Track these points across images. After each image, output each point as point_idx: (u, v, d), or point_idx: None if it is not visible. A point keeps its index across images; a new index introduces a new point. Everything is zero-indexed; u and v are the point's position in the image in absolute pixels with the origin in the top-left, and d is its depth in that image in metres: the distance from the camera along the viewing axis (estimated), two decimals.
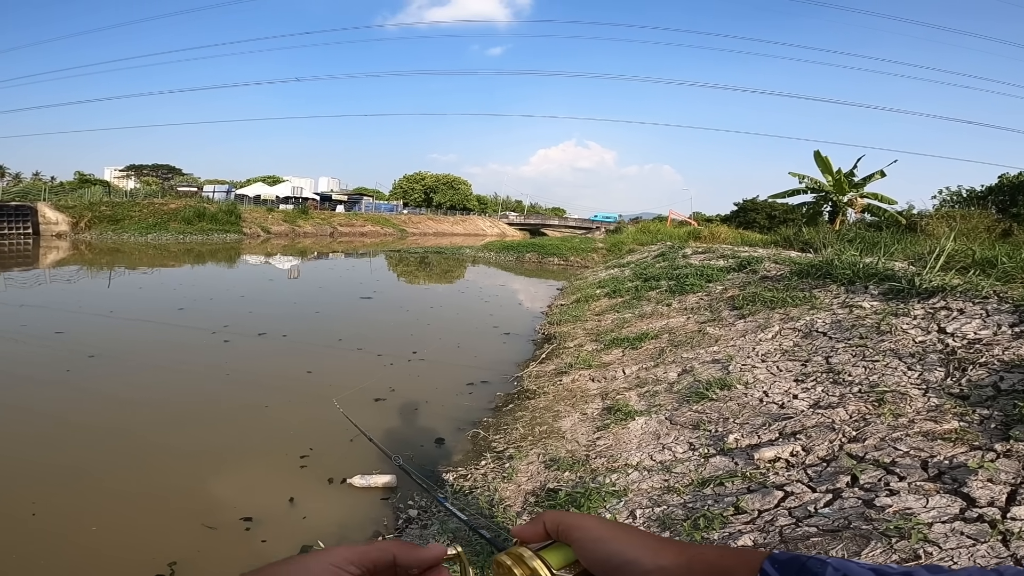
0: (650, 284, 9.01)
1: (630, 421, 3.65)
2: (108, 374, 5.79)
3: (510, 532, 0.56)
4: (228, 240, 27.33)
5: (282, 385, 5.62)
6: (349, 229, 39.27)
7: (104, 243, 22.35)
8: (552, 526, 0.53)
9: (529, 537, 0.54)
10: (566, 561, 0.51)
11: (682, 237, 20.64)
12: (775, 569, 0.42)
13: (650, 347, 5.49)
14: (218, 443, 4.34)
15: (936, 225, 15.41)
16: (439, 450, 4.27)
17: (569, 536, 0.51)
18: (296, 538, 3.06)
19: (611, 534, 0.50)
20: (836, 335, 4.07)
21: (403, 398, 5.36)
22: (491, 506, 3.01)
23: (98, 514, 3.27)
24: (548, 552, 0.52)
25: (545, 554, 0.51)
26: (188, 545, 3.00)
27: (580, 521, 0.52)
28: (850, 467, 2.22)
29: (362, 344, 7.44)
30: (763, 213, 38.55)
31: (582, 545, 0.50)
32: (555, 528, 0.52)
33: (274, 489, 3.59)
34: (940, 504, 1.78)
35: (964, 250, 5.69)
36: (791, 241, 12.23)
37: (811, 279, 5.92)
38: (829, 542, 1.74)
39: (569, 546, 0.52)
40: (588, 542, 0.50)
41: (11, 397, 5.05)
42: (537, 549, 0.52)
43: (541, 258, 22.69)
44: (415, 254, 24.14)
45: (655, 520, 2.32)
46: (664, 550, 0.48)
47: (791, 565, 0.42)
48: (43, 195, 27.50)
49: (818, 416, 2.86)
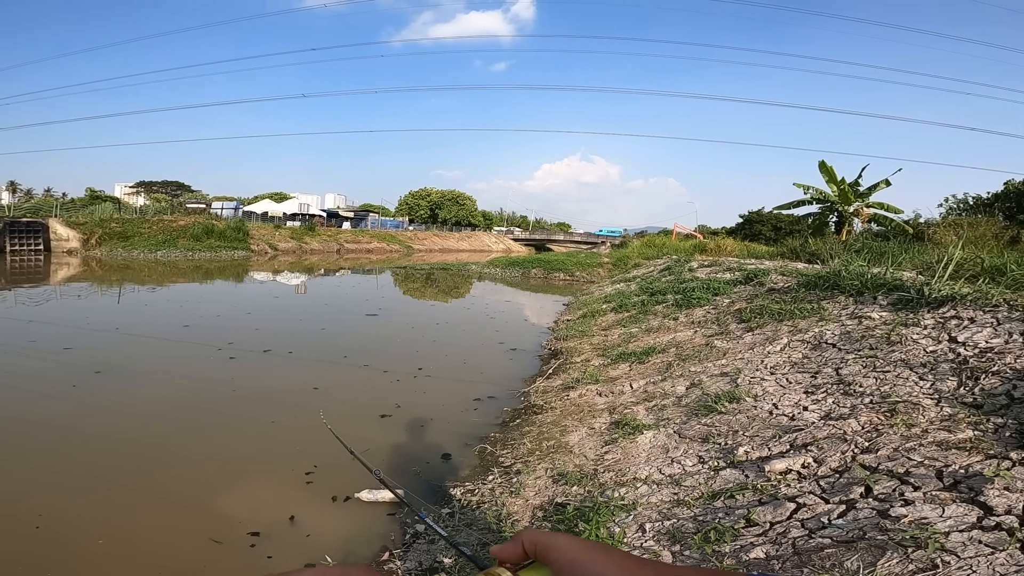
0: (656, 298, 8.98)
1: (638, 435, 3.62)
2: (114, 389, 5.82)
3: (490, 552, 0.56)
4: (236, 257, 27.55)
5: (289, 401, 5.62)
6: (355, 246, 39.52)
7: (114, 260, 22.58)
8: (530, 546, 0.52)
9: (508, 557, 0.53)
10: None
11: (688, 250, 20.60)
12: None
13: (657, 361, 5.45)
14: (224, 458, 4.33)
15: (943, 233, 15.33)
16: (446, 465, 4.24)
17: (547, 557, 0.51)
18: (302, 554, 3.04)
19: (588, 556, 0.49)
20: (846, 346, 4.03)
21: (409, 414, 5.34)
22: (499, 521, 2.97)
23: (105, 525, 3.27)
24: (526, 572, 0.51)
25: (523, 574, 0.51)
26: (194, 559, 2.98)
27: (557, 542, 0.51)
28: (863, 478, 2.18)
29: (368, 360, 7.44)
30: (769, 225, 38.51)
31: (559, 567, 0.50)
32: (533, 548, 0.52)
33: (280, 504, 3.57)
34: (957, 513, 1.75)
35: (972, 258, 5.65)
36: (797, 253, 12.19)
37: (819, 291, 5.89)
38: (843, 553, 1.71)
39: (547, 567, 0.51)
40: (565, 563, 0.49)
41: (19, 410, 5.08)
42: (516, 569, 0.52)
43: (547, 274, 22.71)
44: (421, 271, 24.24)
45: (665, 533, 2.28)
46: (641, 571, 0.47)
47: None
48: (55, 211, 27.89)
49: (829, 427, 2.82)
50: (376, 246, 41.39)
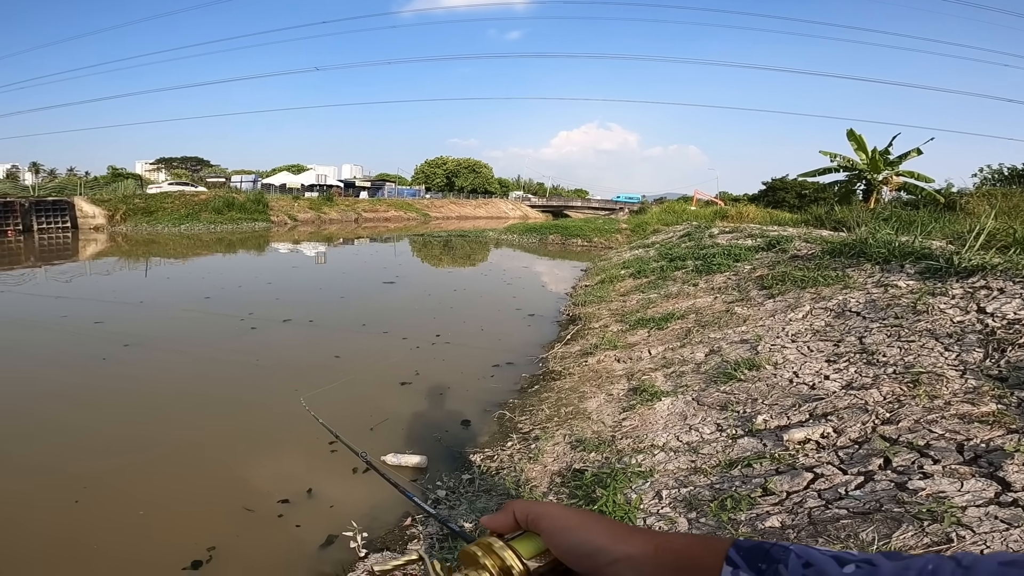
0: (676, 264, 8.89)
1: (656, 402, 3.64)
2: (142, 361, 6.02)
3: (480, 522, 0.57)
4: (257, 228, 27.87)
5: (311, 370, 5.75)
6: (373, 215, 39.60)
7: (139, 235, 23.02)
8: (521, 516, 0.53)
9: (499, 527, 0.54)
10: (536, 551, 0.51)
11: (708, 217, 20.25)
12: (740, 556, 0.42)
13: (676, 327, 5.43)
14: (250, 427, 4.48)
15: (976, 203, 14.76)
16: (465, 432, 4.33)
17: (538, 525, 0.52)
18: (330, 519, 3.15)
19: (578, 523, 0.50)
20: (870, 315, 3.96)
21: (429, 381, 5.43)
22: (517, 486, 3.04)
23: (144, 495, 3.43)
24: (518, 542, 0.52)
25: (515, 544, 0.52)
26: (230, 528, 3.11)
27: (548, 510, 0.52)
28: (883, 449, 2.17)
29: (387, 328, 7.54)
30: (793, 192, 37.46)
31: (551, 534, 0.51)
32: (524, 518, 0.53)
33: (306, 473, 3.69)
34: (975, 488, 1.74)
35: (1005, 229, 5.46)
36: (822, 220, 11.91)
37: (844, 258, 5.76)
38: (859, 524, 1.72)
39: (539, 535, 0.52)
40: (556, 531, 0.50)
41: (54, 383, 5.30)
42: (508, 539, 0.52)
43: (564, 240, 22.57)
44: (438, 238, 24.25)
45: (681, 501, 2.31)
46: (631, 538, 0.48)
47: (755, 552, 0.42)
48: (79, 190, 28.31)
49: (850, 397, 2.80)
50: (394, 214, 41.42)
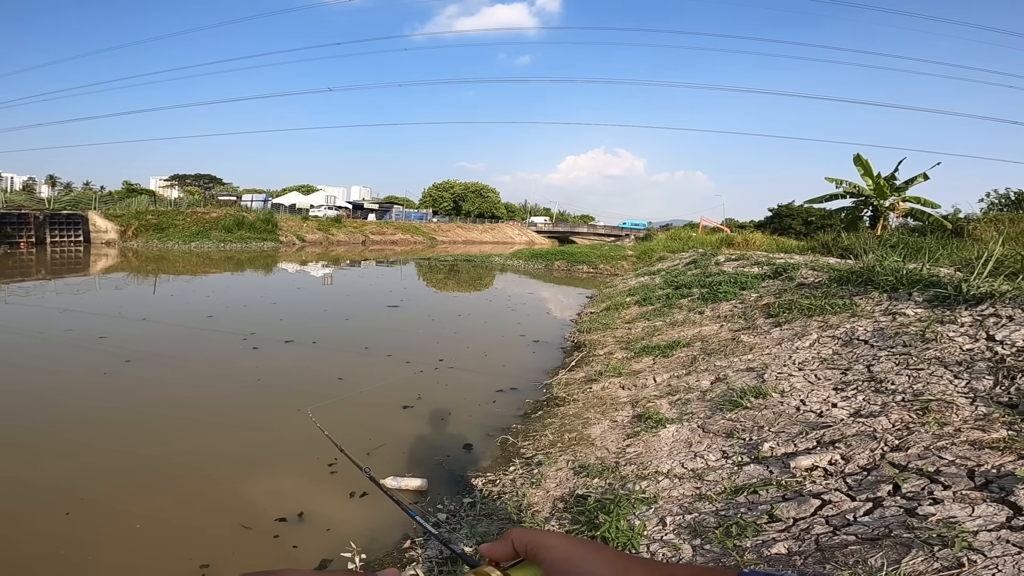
0: (681, 292, 8.87)
1: (661, 429, 3.59)
2: (143, 377, 6.01)
3: (479, 550, 0.56)
4: (265, 248, 28.14)
5: (312, 391, 5.73)
6: (380, 237, 39.95)
7: (150, 251, 23.28)
8: (520, 545, 0.52)
9: (498, 556, 0.53)
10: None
11: (714, 244, 20.28)
12: None
13: (682, 355, 5.40)
14: (249, 447, 4.45)
15: (984, 229, 14.74)
16: (467, 456, 4.28)
17: (537, 556, 0.50)
18: (327, 540, 3.10)
19: (579, 554, 0.49)
20: (878, 343, 3.93)
21: (431, 405, 5.39)
22: (519, 511, 2.99)
23: (140, 510, 3.40)
24: (517, 571, 0.51)
25: (513, 573, 0.51)
26: (225, 544, 3.07)
27: (548, 540, 0.51)
28: (892, 476, 2.13)
29: (391, 351, 7.53)
30: (799, 219, 37.58)
31: (550, 565, 0.49)
32: (524, 547, 0.52)
33: (304, 494, 3.65)
34: (986, 513, 1.70)
35: (1013, 255, 5.44)
36: (829, 247, 11.90)
37: (851, 286, 5.74)
38: (868, 550, 1.67)
39: (538, 565, 0.51)
40: (556, 562, 0.49)
41: (54, 397, 5.30)
42: (506, 568, 0.51)
43: (570, 266, 22.62)
44: (444, 262, 24.38)
45: (685, 527, 2.27)
46: (633, 569, 0.47)
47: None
48: (94, 204, 28.82)
49: (859, 425, 2.76)
50: (400, 237, 41.76)
